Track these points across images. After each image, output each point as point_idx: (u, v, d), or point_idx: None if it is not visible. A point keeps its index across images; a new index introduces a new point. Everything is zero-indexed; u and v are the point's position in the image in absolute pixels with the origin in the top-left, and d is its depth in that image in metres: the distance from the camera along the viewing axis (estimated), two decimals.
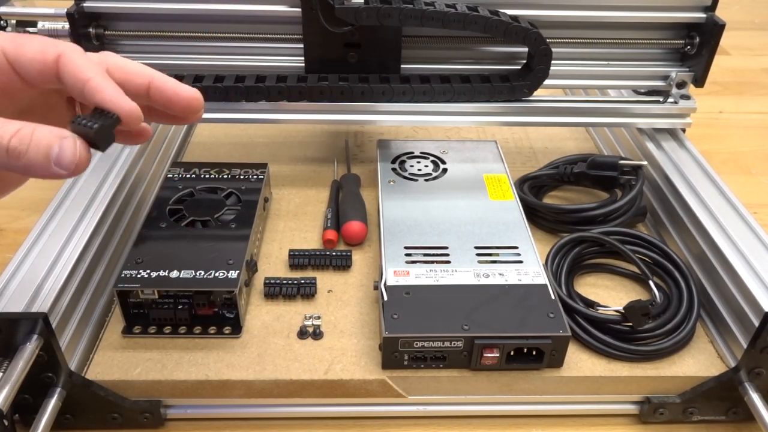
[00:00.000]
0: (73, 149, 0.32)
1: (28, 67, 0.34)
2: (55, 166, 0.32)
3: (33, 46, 0.34)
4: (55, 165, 0.32)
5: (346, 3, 0.57)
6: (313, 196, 0.67)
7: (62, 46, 0.34)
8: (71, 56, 0.34)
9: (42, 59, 0.34)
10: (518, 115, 0.64)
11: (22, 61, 0.34)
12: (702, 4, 0.62)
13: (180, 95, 0.38)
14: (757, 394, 0.47)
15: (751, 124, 0.94)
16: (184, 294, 0.49)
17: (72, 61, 0.34)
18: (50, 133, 0.32)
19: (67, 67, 0.34)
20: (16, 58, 0.34)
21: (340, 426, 0.50)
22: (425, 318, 0.47)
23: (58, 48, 0.34)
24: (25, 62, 0.34)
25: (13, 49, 0.34)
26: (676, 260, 0.55)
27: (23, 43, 0.34)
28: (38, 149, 0.32)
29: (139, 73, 0.37)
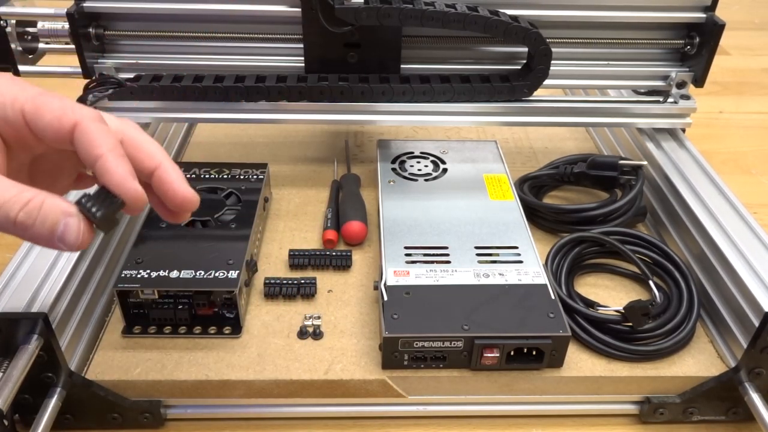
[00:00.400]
0: (77, 230, 0.33)
1: (44, 130, 0.34)
2: (58, 241, 0.33)
3: (52, 109, 0.34)
4: (58, 241, 0.33)
5: (346, 3, 0.57)
6: (313, 196, 0.67)
7: (80, 113, 0.34)
8: (87, 127, 0.34)
9: (58, 125, 0.34)
10: (518, 115, 0.64)
11: (39, 124, 0.34)
12: (702, 4, 0.62)
13: (177, 193, 0.38)
14: (757, 394, 0.47)
15: (751, 124, 0.94)
16: (184, 294, 0.49)
17: (87, 132, 0.34)
18: (57, 208, 0.33)
19: (82, 139, 0.34)
20: (34, 121, 0.34)
21: (340, 426, 0.50)
22: (425, 318, 0.47)
23: (75, 115, 0.34)
24: (41, 125, 0.34)
25: (33, 110, 0.34)
26: (676, 260, 0.55)
27: (43, 104, 0.34)
28: (44, 225, 0.33)
29: (149, 156, 0.37)
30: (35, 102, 0.34)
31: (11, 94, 0.34)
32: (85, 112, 0.34)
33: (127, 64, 0.64)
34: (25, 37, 0.63)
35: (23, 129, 0.34)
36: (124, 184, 0.34)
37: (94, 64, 0.63)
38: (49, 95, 0.35)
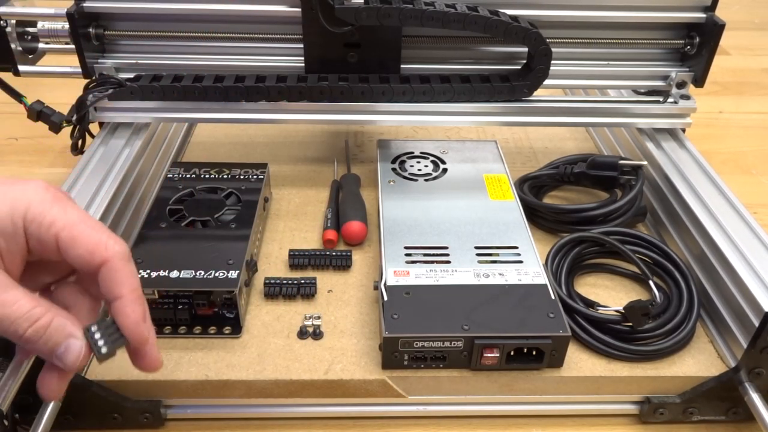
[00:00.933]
0: (78, 354, 0.35)
1: (73, 258, 0.35)
2: (56, 359, 0.35)
3: (87, 243, 0.35)
4: (55, 358, 0.35)
5: (346, 3, 0.57)
6: (313, 196, 0.67)
7: (112, 250, 0.35)
8: (114, 266, 0.35)
9: (89, 258, 0.35)
10: (518, 115, 0.64)
11: (71, 253, 0.35)
12: (702, 4, 0.62)
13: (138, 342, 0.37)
14: (757, 394, 0.47)
15: (751, 124, 0.94)
16: (184, 294, 0.49)
17: (113, 271, 0.35)
18: (63, 331, 0.34)
19: (107, 276, 0.35)
20: (66, 249, 0.35)
21: (340, 426, 0.50)
22: (425, 318, 0.47)
23: (107, 253, 0.35)
24: (72, 254, 0.35)
25: (67, 240, 0.34)
26: (676, 260, 0.55)
27: (79, 235, 0.35)
28: (47, 343, 0.34)
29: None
30: (72, 232, 0.35)
31: (50, 216, 0.34)
32: (117, 250, 0.35)
33: (127, 64, 0.64)
34: (25, 37, 0.63)
35: (52, 250, 0.35)
36: (135, 329, 0.35)
37: (94, 64, 0.63)
38: (86, 224, 0.35)
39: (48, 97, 0.63)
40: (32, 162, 0.78)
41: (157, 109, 0.63)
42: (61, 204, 0.35)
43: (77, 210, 0.36)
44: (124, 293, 0.35)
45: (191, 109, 0.63)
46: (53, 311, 0.34)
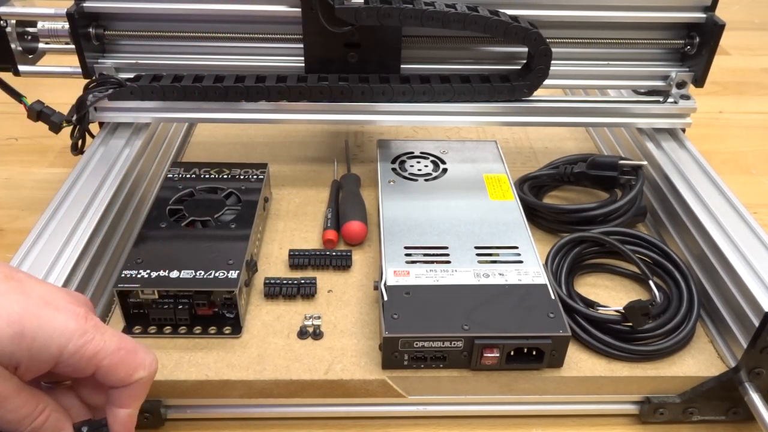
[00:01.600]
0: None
1: (110, 381, 0.37)
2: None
3: (127, 367, 0.37)
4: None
5: (346, 3, 0.56)
6: (313, 196, 0.67)
7: (150, 369, 0.38)
8: (144, 383, 0.38)
9: (126, 380, 0.37)
10: (518, 115, 0.64)
11: (111, 378, 0.37)
12: (702, 4, 0.62)
13: None
14: (757, 394, 0.47)
15: (752, 124, 0.94)
16: (184, 294, 0.49)
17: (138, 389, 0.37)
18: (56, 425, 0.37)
19: (131, 391, 0.37)
20: (106, 375, 0.36)
21: (340, 426, 0.50)
22: (425, 318, 0.47)
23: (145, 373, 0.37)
24: (113, 379, 0.37)
25: (110, 367, 0.36)
26: (676, 260, 0.55)
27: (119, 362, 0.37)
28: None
29: None
30: (113, 360, 0.36)
31: (92, 348, 0.36)
32: (154, 369, 0.38)
33: (127, 64, 0.64)
34: (25, 37, 0.63)
35: (85, 374, 0.36)
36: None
37: (94, 64, 0.63)
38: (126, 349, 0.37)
39: (48, 97, 0.63)
40: (32, 162, 0.78)
41: (157, 109, 0.63)
42: (100, 333, 0.36)
43: (113, 334, 0.37)
44: (133, 406, 0.38)
45: (191, 109, 0.63)
46: (50, 408, 0.37)
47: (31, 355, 0.34)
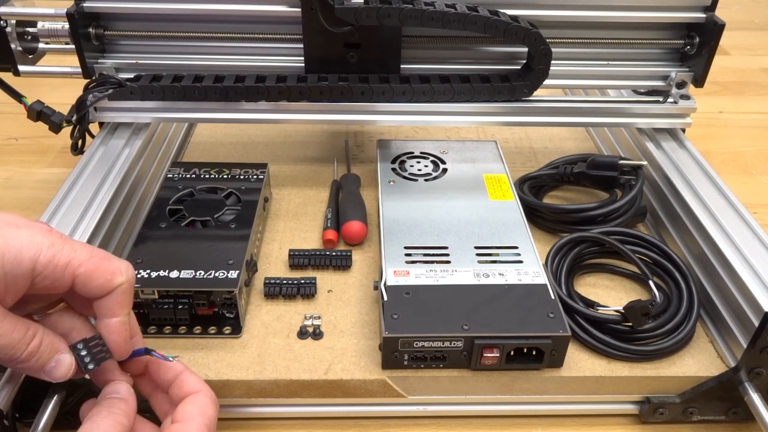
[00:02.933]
0: (67, 369, 0.37)
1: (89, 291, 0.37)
2: (44, 374, 0.37)
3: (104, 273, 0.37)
4: (44, 373, 0.37)
5: (346, 3, 0.57)
6: (313, 196, 0.67)
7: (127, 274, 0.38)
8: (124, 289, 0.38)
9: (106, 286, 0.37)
10: (518, 115, 0.64)
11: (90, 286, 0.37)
12: (702, 4, 0.62)
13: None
14: (757, 394, 0.47)
15: (751, 124, 0.94)
16: (184, 294, 0.49)
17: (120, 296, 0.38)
18: (52, 347, 0.37)
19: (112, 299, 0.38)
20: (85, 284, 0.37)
21: (340, 426, 0.50)
22: (425, 318, 0.47)
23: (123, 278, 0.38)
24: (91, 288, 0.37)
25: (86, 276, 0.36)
26: (676, 260, 0.55)
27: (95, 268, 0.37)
28: (38, 361, 0.37)
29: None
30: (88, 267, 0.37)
31: (65, 257, 0.36)
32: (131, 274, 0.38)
33: (127, 64, 0.64)
34: (25, 37, 0.63)
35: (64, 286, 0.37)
36: (124, 347, 0.39)
37: (94, 64, 0.63)
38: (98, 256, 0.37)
39: (48, 97, 0.63)
40: (32, 162, 0.78)
41: (157, 109, 0.63)
42: (68, 243, 0.37)
43: (82, 245, 0.37)
44: (121, 314, 0.38)
45: (191, 109, 0.63)
46: (41, 331, 0.37)
47: (5, 274, 0.34)
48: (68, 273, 0.36)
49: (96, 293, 0.37)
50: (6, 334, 0.35)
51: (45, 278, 0.36)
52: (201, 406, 0.39)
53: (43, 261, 0.35)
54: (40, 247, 0.35)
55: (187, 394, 0.40)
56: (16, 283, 0.35)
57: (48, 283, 0.36)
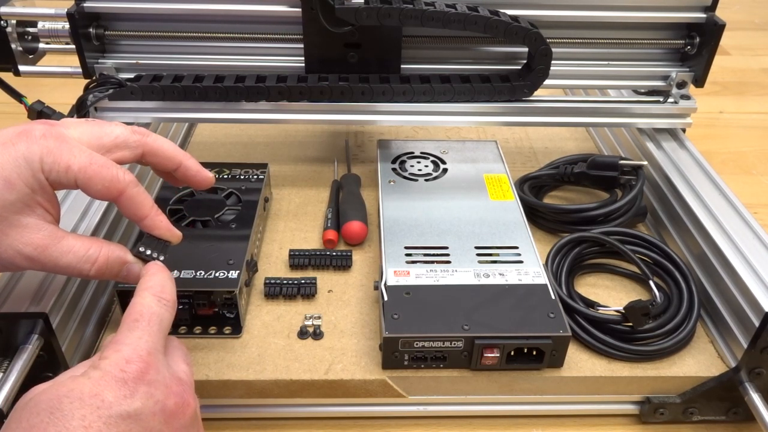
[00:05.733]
0: (138, 273, 0.41)
1: (94, 194, 0.40)
2: (122, 279, 0.42)
3: (102, 179, 0.39)
4: (121, 279, 0.42)
5: (346, 3, 0.57)
6: (314, 196, 0.67)
7: (125, 181, 0.40)
8: (131, 194, 0.40)
9: (107, 193, 0.39)
10: (518, 115, 0.64)
11: (90, 191, 0.39)
12: (702, 4, 0.62)
13: (199, 180, 0.46)
14: (757, 394, 0.47)
15: (752, 124, 0.94)
16: (184, 294, 0.49)
17: (132, 199, 0.40)
18: (119, 260, 0.41)
19: (128, 203, 0.40)
20: (85, 188, 0.39)
21: (340, 426, 0.50)
22: (425, 318, 0.47)
23: (121, 185, 0.40)
24: (92, 192, 0.39)
25: (85, 180, 0.39)
26: (676, 260, 0.55)
27: (94, 175, 0.39)
28: (110, 274, 0.41)
29: (171, 158, 0.44)
30: (87, 173, 0.39)
31: (64, 162, 0.38)
32: (128, 179, 0.40)
33: (127, 64, 0.64)
34: (26, 37, 0.63)
35: (72, 188, 0.39)
36: (171, 231, 0.43)
37: (94, 64, 0.63)
38: (97, 164, 0.39)
39: (48, 97, 0.63)
40: None
41: (158, 109, 0.63)
42: (66, 146, 0.39)
43: (82, 149, 0.39)
44: (147, 212, 0.41)
45: (191, 109, 0.63)
46: (106, 247, 0.40)
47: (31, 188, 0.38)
48: (71, 176, 0.38)
49: (100, 197, 0.40)
50: (65, 254, 0.39)
51: (54, 182, 0.38)
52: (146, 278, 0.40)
53: (45, 168, 0.38)
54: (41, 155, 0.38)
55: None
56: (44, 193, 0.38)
57: (59, 185, 0.39)
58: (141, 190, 0.41)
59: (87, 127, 0.41)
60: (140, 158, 0.43)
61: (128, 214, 0.41)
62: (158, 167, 0.45)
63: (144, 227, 0.42)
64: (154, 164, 0.44)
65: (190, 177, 0.46)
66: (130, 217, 0.41)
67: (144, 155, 0.43)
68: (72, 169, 0.38)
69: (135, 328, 0.36)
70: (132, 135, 0.42)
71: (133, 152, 0.42)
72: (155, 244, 0.42)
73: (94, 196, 0.40)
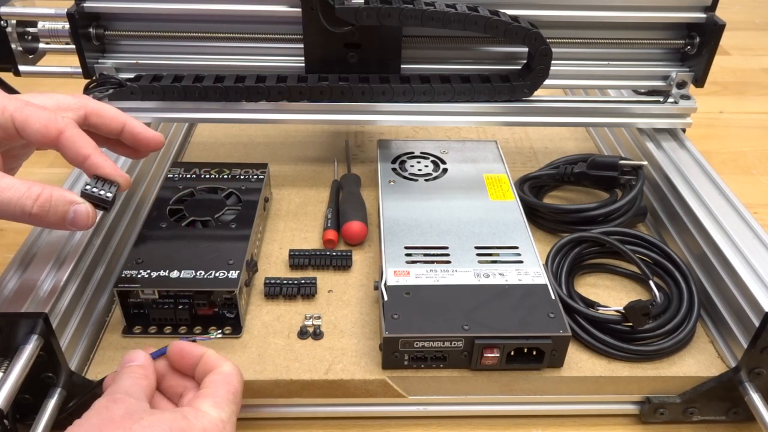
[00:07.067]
0: (86, 214, 0.40)
1: (32, 136, 0.40)
2: (69, 225, 0.40)
3: (39, 118, 0.40)
4: (69, 224, 0.40)
5: (346, 3, 0.57)
6: (314, 196, 0.67)
7: (63, 122, 0.40)
8: (71, 134, 0.40)
9: (45, 132, 0.40)
10: (518, 115, 0.64)
11: (28, 130, 0.40)
12: (702, 4, 0.62)
13: (147, 139, 0.46)
14: (757, 394, 0.47)
15: (752, 124, 0.94)
16: (184, 294, 0.49)
17: (72, 139, 0.40)
18: (64, 199, 0.40)
19: (68, 144, 0.40)
20: (23, 128, 0.40)
21: (340, 426, 0.50)
22: (425, 318, 0.47)
23: (59, 125, 0.40)
24: (30, 132, 0.40)
25: (22, 119, 0.39)
26: (676, 260, 0.55)
27: (30, 114, 0.40)
28: (56, 214, 0.40)
29: (114, 118, 0.45)
30: (23, 112, 0.40)
31: (0, 105, 0.39)
32: (67, 121, 0.41)
33: (127, 64, 0.64)
34: (26, 37, 0.63)
35: (12, 133, 0.40)
36: (117, 171, 0.42)
37: (94, 64, 0.63)
38: (34, 106, 0.40)
39: None
40: (32, 162, 0.77)
41: (158, 109, 0.63)
42: (4, 95, 0.40)
43: (18, 98, 0.41)
44: (89, 152, 0.41)
45: (191, 109, 0.63)
46: (49, 188, 0.39)
47: None
48: (7, 117, 0.39)
49: (41, 141, 0.40)
50: (4, 190, 0.38)
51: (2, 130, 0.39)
52: (226, 375, 0.40)
53: None
54: None
55: (213, 369, 0.41)
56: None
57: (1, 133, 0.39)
58: (82, 132, 0.41)
59: (28, 95, 0.43)
60: (84, 120, 0.44)
61: (70, 156, 0.41)
62: (103, 129, 0.45)
63: (88, 168, 0.41)
64: (98, 126, 0.44)
65: (137, 136, 0.45)
66: (72, 160, 0.41)
67: (87, 116, 0.44)
68: (7, 110, 0.39)
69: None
70: (73, 98, 0.44)
71: (75, 113, 0.43)
72: (102, 184, 0.41)
73: (33, 140, 0.40)
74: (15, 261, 0.49)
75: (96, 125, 0.44)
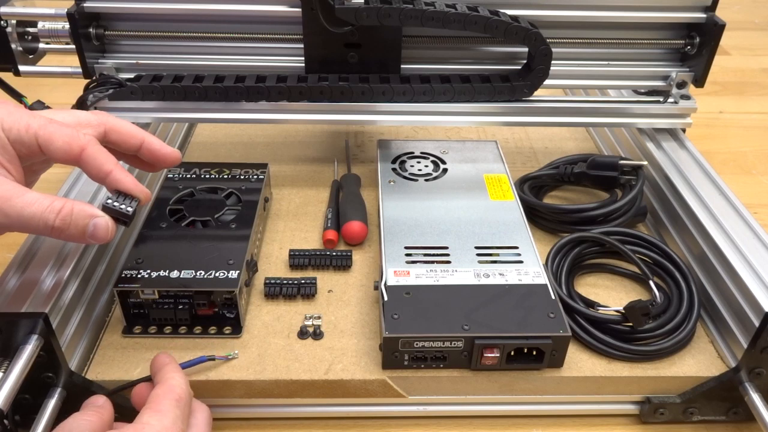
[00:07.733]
0: (106, 227, 0.41)
1: (54, 153, 0.41)
2: (89, 238, 0.41)
3: (62, 136, 0.41)
4: (89, 238, 0.41)
5: (346, 3, 0.57)
6: (314, 196, 0.67)
7: (85, 139, 0.41)
8: (93, 151, 0.41)
9: (68, 149, 0.41)
10: (518, 115, 0.64)
11: (51, 147, 0.41)
12: (702, 4, 0.62)
13: (166, 155, 0.47)
14: (757, 394, 0.47)
15: (752, 124, 0.94)
16: (184, 294, 0.49)
17: (94, 156, 0.41)
18: (85, 213, 0.41)
19: (91, 161, 0.41)
20: (46, 145, 0.41)
21: (340, 426, 0.50)
22: (425, 318, 0.47)
23: (81, 142, 0.41)
24: (53, 149, 0.41)
25: (45, 137, 0.40)
26: (676, 260, 0.55)
27: (54, 132, 0.41)
28: (77, 228, 0.41)
29: (132, 135, 0.46)
30: (47, 129, 0.40)
31: (24, 122, 0.40)
32: (89, 137, 0.42)
33: (127, 64, 0.64)
34: (26, 37, 0.63)
35: (36, 150, 0.41)
36: (137, 186, 0.43)
37: (94, 65, 0.63)
38: (57, 123, 0.41)
39: (48, 97, 0.63)
40: None
41: (158, 109, 0.63)
42: (27, 112, 0.41)
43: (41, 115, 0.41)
44: (111, 168, 0.42)
45: (191, 109, 0.63)
46: (70, 202, 0.40)
47: None
48: (32, 134, 0.40)
49: (64, 157, 0.41)
50: (29, 205, 0.39)
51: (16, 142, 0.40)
52: (169, 386, 0.41)
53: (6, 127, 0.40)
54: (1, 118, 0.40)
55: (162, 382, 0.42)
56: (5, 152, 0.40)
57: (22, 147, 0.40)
58: (103, 149, 0.42)
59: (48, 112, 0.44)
60: (103, 137, 0.44)
61: (92, 172, 0.42)
62: (122, 146, 0.46)
63: (110, 183, 0.42)
64: (117, 142, 0.45)
65: (155, 152, 0.46)
66: (94, 176, 0.42)
67: (107, 133, 0.44)
68: (32, 127, 0.40)
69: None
70: (93, 115, 0.44)
71: (96, 130, 0.44)
72: (123, 199, 0.42)
73: (56, 156, 0.41)
74: (15, 261, 0.49)
75: (115, 142, 0.45)
